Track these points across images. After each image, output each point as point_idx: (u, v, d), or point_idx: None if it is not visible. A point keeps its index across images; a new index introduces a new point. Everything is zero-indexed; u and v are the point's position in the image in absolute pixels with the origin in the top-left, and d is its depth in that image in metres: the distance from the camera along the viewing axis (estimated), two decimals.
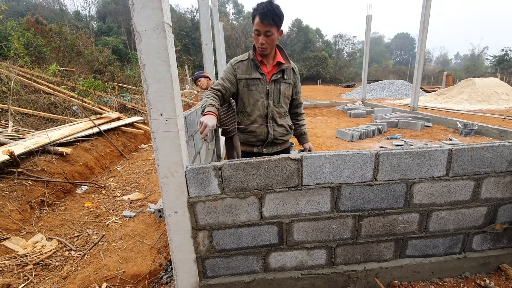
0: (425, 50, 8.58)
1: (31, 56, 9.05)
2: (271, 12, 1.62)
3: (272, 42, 1.73)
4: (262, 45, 1.72)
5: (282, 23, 1.72)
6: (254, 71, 1.85)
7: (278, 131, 1.96)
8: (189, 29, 38.03)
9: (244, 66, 1.87)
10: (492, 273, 1.79)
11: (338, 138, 6.56)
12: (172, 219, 1.44)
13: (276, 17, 1.64)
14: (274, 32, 1.69)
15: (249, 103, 1.89)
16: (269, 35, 1.69)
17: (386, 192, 1.57)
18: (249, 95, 1.88)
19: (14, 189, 2.94)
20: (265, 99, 1.88)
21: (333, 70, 50.54)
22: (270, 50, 1.79)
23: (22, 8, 31.72)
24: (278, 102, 1.91)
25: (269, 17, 1.62)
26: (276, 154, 1.97)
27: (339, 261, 1.69)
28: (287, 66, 1.86)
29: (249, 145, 2.02)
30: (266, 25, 1.65)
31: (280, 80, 1.88)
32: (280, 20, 1.68)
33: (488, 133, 6.31)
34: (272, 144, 2.00)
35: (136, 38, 1.17)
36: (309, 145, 2.17)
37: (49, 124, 5.91)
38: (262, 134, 1.93)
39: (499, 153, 1.56)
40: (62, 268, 2.09)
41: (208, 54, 4.41)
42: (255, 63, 1.84)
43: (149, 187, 3.73)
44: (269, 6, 1.64)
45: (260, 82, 1.85)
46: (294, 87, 1.99)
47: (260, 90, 1.86)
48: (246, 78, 1.85)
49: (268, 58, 1.86)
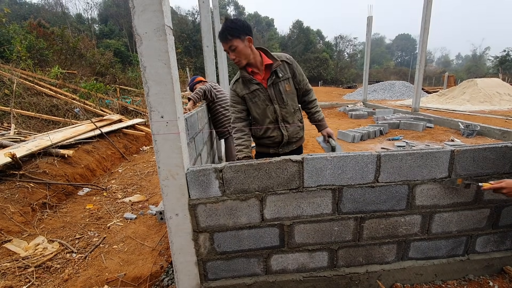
0: (426, 51, 8.56)
1: (33, 59, 9.11)
2: (225, 29, 1.71)
3: (241, 53, 1.77)
4: (235, 60, 1.79)
5: (245, 31, 1.75)
6: (250, 85, 1.91)
7: (291, 130, 2.01)
8: (190, 31, 38.17)
9: (240, 85, 1.94)
10: (496, 275, 1.77)
11: (339, 140, 6.55)
12: (173, 221, 1.44)
13: (231, 31, 1.71)
14: (238, 44, 1.73)
15: (258, 113, 1.97)
16: (234, 49, 1.75)
17: (388, 193, 1.56)
18: (255, 107, 1.96)
19: (16, 191, 2.94)
20: (270, 105, 1.93)
21: (334, 71, 50.53)
22: (246, 60, 1.82)
23: (25, 12, 31.97)
24: (283, 102, 1.94)
25: (224, 34, 1.72)
26: (291, 153, 2.03)
27: (341, 264, 1.68)
28: (276, 65, 1.87)
29: (265, 147, 2.09)
30: (226, 42, 1.74)
31: (276, 81, 1.89)
32: (237, 31, 1.72)
33: (490, 134, 6.28)
34: (288, 144, 2.06)
35: (137, 40, 1.17)
36: (327, 131, 2.12)
37: (51, 126, 5.94)
38: (277, 137, 2.00)
39: (502, 154, 1.55)
40: (63, 270, 2.09)
41: (209, 56, 4.42)
42: (247, 78, 1.88)
43: (150, 189, 3.72)
44: (223, 26, 1.73)
45: (259, 91, 1.90)
46: (294, 77, 1.97)
47: (263, 98, 1.92)
48: (247, 93, 1.92)
49: (257, 65, 1.88)
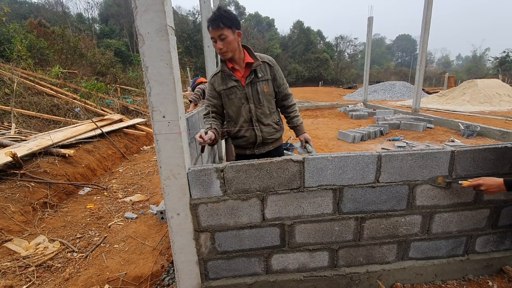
0: (426, 52, 8.57)
1: (34, 58, 9.10)
2: (218, 17, 1.68)
3: (229, 44, 1.74)
4: (221, 50, 1.75)
5: (237, 24, 1.74)
6: (229, 80, 1.88)
7: (266, 131, 1.98)
8: (191, 31, 38.16)
9: (219, 79, 1.91)
10: (495, 275, 1.78)
11: (339, 140, 6.55)
12: (174, 221, 1.44)
13: (224, 19, 1.67)
14: (228, 34, 1.70)
15: (233, 111, 1.94)
16: (223, 38, 1.70)
17: (389, 194, 1.57)
18: (231, 104, 1.92)
19: (16, 190, 2.95)
20: (246, 104, 1.90)
21: (335, 71, 50.46)
22: (232, 54, 1.79)
23: (25, 11, 31.91)
24: (259, 103, 1.91)
25: (217, 21, 1.67)
26: (269, 154, 1.99)
27: (342, 263, 1.68)
28: (257, 64, 1.85)
29: (241, 148, 2.07)
30: (217, 30, 1.69)
31: (255, 80, 1.87)
32: (231, 22, 1.70)
33: (490, 134, 6.28)
34: (263, 145, 2.02)
35: (139, 40, 1.17)
36: (304, 136, 2.08)
37: (52, 126, 5.94)
38: (251, 137, 1.97)
39: (501, 154, 1.56)
40: (64, 269, 2.09)
41: (210, 56, 4.43)
42: (227, 73, 1.86)
43: (151, 188, 3.73)
44: (216, 12, 1.71)
45: (237, 89, 1.88)
46: (274, 80, 1.95)
47: (239, 96, 1.89)
48: (224, 89, 1.90)
49: (239, 62, 1.87)
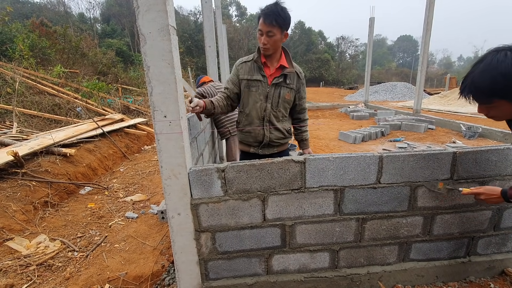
0: (428, 53, 8.55)
1: (35, 57, 9.12)
2: (274, 13, 1.64)
3: (274, 43, 1.73)
4: (264, 45, 1.73)
5: (288, 26, 1.72)
6: (256, 73, 1.86)
7: (275, 134, 1.97)
8: (192, 31, 38.21)
9: (247, 67, 1.88)
10: (497, 277, 1.77)
11: (340, 140, 6.54)
12: (175, 220, 1.44)
13: (279, 18, 1.65)
14: (277, 33, 1.69)
15: (248, 103, 1.92)
16: (271, 35, 1.69)
17: (390, 195, 1.56)
18: (249, 96, 1.90)
19: (18, 189, 2.96)
20: (263, 102, 1.89)
21: (336, 72, 50.42)
22: (272, 52, 1.79)
23: (27, 10, 32.01)
24: (277, 106, 1.91)
25: (271, 17, 1.64)
26: (272, 156, 1.96)
27: (342, 264, 1.68)
28: (289, 71, 1.85)
29: (246, 144, 2.05)
30: (268, 25, 1.66)
31: (281, 84, 1.87)
32: (283, 22, 1.68)
33: (492, 135, 6.27)
34: (269, 146, 2.01)
35: (141, 40, 1.17)
36: (308, 151, 2.18)
37: (53, 125, 5.95)
38: (258, 135, 1.96)
39: (504, 156, 1.55)
40: (65, 269, 2.10)
41: (211, 56, 4.43)
42: (258, 65, 1.84)
43: (152, 188, 3.73)
44: (273, 7, 1.66)
45: (261, 84, 1.86)
46: (297, 92, 1.97)
47: (260, 92, 1.87)
48: (247, 79, 1.87)
49: (272, 60, 1.85)
